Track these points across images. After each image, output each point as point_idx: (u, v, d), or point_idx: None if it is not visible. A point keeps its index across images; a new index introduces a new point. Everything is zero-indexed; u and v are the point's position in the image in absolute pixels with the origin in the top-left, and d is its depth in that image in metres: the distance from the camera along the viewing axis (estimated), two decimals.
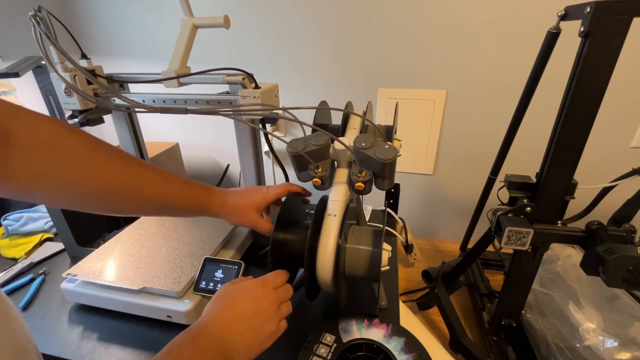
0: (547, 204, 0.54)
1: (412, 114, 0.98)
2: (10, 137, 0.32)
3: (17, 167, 0.33)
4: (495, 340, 0.68)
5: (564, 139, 0.49)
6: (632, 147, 0.87)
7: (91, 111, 0.62)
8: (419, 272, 0.92)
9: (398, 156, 0.44)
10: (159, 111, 0.40)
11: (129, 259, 0.59)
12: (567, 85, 0.48)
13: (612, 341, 0.55)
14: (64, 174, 0.36)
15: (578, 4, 0.45)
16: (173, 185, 0.46)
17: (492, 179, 0.80)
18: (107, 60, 1.15)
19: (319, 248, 0.43)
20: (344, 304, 0.50)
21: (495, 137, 0.77)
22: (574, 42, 0.45)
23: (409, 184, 1.08)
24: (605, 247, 0.49)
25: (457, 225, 1.10)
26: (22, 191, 0.35)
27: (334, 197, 0.46)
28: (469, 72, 0.89)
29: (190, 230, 0.67)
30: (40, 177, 0.35)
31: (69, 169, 0.36)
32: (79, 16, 1.10)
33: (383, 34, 0.91)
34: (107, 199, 0.41)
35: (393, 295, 0.60)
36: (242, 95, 0.54)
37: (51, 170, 0.35)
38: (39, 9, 0.47)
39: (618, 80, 0.47)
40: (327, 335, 0.47)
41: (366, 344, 0.45)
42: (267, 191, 0.53)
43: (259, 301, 0.39)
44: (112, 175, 0.40)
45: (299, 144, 0.47)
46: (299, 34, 0.96)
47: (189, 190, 0.48)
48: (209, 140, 1.22)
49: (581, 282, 0.64)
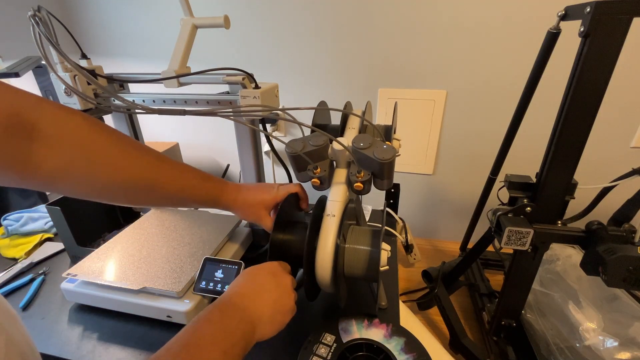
0: (547, 204, 0.54)
1: (412, 114, 0.98)
2: (35, 130, 0.33)
3: (41, 159, 0.34)
4: (495, 340, 0.68)
5: (564, 139, 0.49)
6: (632, 147, 0.87)
7: (91, 111, 0.62)
8: (419, 272, 0.92)
9: (397, 156, 0.44)
10: (157, 112, 0.40)
11: (129, 259, 0.59)
12: (567, 85, 0.48)
13: (612, 341, 0.55)
14: (86, 167, 0.37)
15: (578, 4, 0.45)
16: (190, 181, 0.48)
17: (492, 179, 0.80)
18: (107, 60, 1.15)
19: (318, 248, 0.43)
20: (344, 304, 0.50)
21: (495, 137, 0.77)
22: (574, 42, 0.45)
23: (409, 184, 1.08)
24: (605, 247, 0.48)
25: (457, 225, 1.10)
26: (45, 182, 0.36)
27: (333, 197, 0.46)
28: (469, 72, 0.89)
29: (190, 230, 0.67)
30: (64, 170, 0.36)
31: (92, 163, 0.37)
32: (79, 16, 1.10)
33: (383, 34, 0.91)
34: (126, 192, 0.42)
35: (393, 295, 0.60)
36: (242, 95, 0.54)
37: (74, 163, 0.36)
38: (38, 9, 0.47)
39: (618, 80, 0.47)
40: (327, 335, 0.46)
41: (366, 344, 0.45)
42: (278, 190, 0.54)
43: (279, 277, 0.41)
44: (132, 171, 0.41)
45: (298, 144, 0.47)
46: (299, 34, 0.96)
47: (204, 185, 0.50)
48: (209, 140, 1.22)
49: (581, 282, 0.64)
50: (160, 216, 0.72)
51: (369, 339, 0.46)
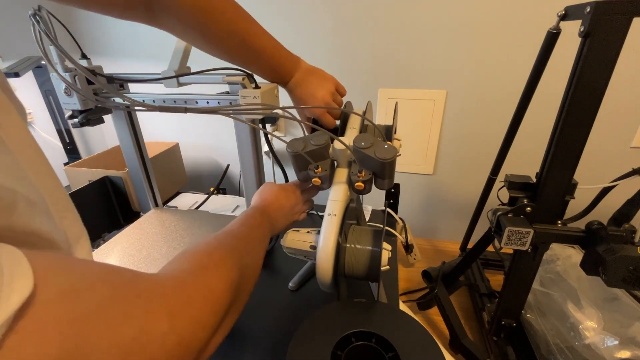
0: (547, 204, 0.54)
1: (412, 114, 0.98)
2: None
3: None
4: (495, 340, 0.68)
5: (564, 139, 0.49)
6: (632, 147, 0.87)
7: (91, 111, 0.62)
8: (419, 272, 0.92)
9: (398, 156, 0.44)
10: (158, 110, 0.40)
11: (129, 259, 0.59)
12: (567, 85, 0.48)
13: (612, 340, 0.55)
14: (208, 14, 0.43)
15: (578, 4, 0.45)
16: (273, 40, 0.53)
17: (492, 179, 0.80)
18: (107, 60, 1.15)
19: (319, 248, 0.43)
20: None
21: (495, 137, 0.77)
22: (574, 42, 0.45)
23: (409, 184, 1.08)
24: (605, 247, 0.49)
25: (457, 225, 1.10)
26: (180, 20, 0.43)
27: (334, 196, 0.46)
28: (469, 72, 0.89)
29: (190, 230, 0.67)
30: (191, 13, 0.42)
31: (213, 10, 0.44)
32: (79, 16, 1.10)
33: (383, 34, 0.91)
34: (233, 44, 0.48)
35: (393, 295, 0.60)
36: (242, 95, 0.54)
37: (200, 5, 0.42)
38: (38, 8, 0.47)
39: (618, 80, 0.47)
40: None
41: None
42: None
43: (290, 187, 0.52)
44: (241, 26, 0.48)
45: (299, 144, 0.47)
46: (299, 33, 0.96)
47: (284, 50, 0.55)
48: (209, 140, 1.22)
49: (581, 282, 0.64)
50: (160, 216, 0.72)
51: None
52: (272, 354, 0.50)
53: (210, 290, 0.26)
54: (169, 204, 0.91)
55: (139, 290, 0.21)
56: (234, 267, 0.30)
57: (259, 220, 0.43)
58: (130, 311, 0.19)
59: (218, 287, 0.27)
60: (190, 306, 0.23)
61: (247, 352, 0.50)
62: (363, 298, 0.47)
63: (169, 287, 0.23)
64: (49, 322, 0.15)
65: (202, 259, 0.29)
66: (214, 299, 0.26)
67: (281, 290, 0.61)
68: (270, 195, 0.49)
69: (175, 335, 0.21)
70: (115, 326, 0.18)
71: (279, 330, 0.53)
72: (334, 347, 0.39)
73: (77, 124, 0.61)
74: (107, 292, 0.19)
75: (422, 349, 0.40)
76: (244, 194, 0.71)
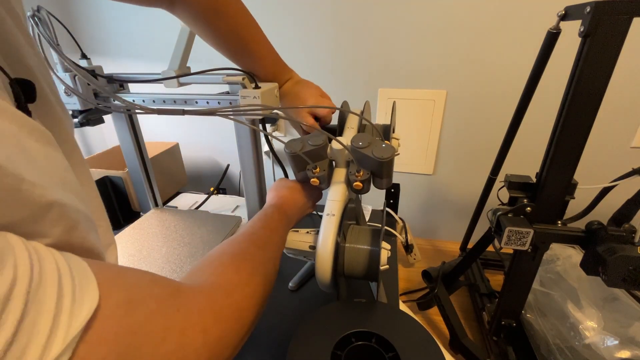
0: (547, 204, 0.54)
1: (412, 114, 0.98)
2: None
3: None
4: (495, 340, 0.68)
5: (564, 139, 0.49)
6: (632, 147, 0.87)
7: (91, 111, 0.62)
8: (419, 272, 0.92)
9: (396, 155, 0.44)
10: (156, 112, 0.40)
11: (129, 259, 0.59)
12: (567, 85, 0.48)
13: (612, 339, 0.55)
14: (218, 15, 0.47)
15: (578, 4, 0.45)
16: (273, 53, 0.55)
17: (492, 179, 0.80)
18: (107, 60, 1.15)
19: (318, 248, 0.43)
20: None
21: (495, 137, 0.77)
22: (574, 42, 0.45)
23: (409, 184, 1.08)
24: (605, 247, 0.48)
25: (457, 225, 1.10)
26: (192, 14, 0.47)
27: (333, 196, 0.46)
28: (469, 72, 0.89)
29: (190, 230, 0.67)
30: (203, 13, 0.46)
31: (224, 13, 0.47)
32: (79, 16, 1.10)
33: (383, 34, 0.91)
34: (237, 47, 0.51)
35: (393, 295, 0.60)
36: (242, 95, 0.54)
37: None
38: (38, 9, 0.47)
39: (618, 80, 0.47)
40: None
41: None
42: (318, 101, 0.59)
43: (297, 190, 0.52)
44: (247, 32, 0.50)
45: (297, 144, 0.47)
46: (298, 33, 0.96)
47: (280, 60, 0.57)
48: (209, 140, 1.22)
49: (581, 282, 0.64)
50: (160, 216, 0.72)
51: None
52: (272, 354, 0.50)
53: (239, 310, 0.27)
54: (169, 204, 0.91)
55: (179, 305, 0.21)
56: (259, 284, 0.31)
57: (278, 220, 0.44)
58: (171, 326, 0.20)
59: (246, 308, 0.28)
60: (223, 324, 0.24)
61: (247, 352, 0.50)
62: (363, 298, 0.47)
63: (204, 303, 0.24)
64: (110, 333, 0.16)
65: (232, 277, 0.29)
66: (242, 319, 0.27)
67: (281, 290, 0.61)
68: (286, 192, 0.50)
69: (207, 351, 0.22)
70: (157, 340, 0.19)
71: (279, 330, 0.53)
72: (334, 347, 0.39)
73: (77, 124, 0.61)
74: (153, 306, 0.19)
75: (422, 349, 0.40)
76: (244, 194, 0.71)
